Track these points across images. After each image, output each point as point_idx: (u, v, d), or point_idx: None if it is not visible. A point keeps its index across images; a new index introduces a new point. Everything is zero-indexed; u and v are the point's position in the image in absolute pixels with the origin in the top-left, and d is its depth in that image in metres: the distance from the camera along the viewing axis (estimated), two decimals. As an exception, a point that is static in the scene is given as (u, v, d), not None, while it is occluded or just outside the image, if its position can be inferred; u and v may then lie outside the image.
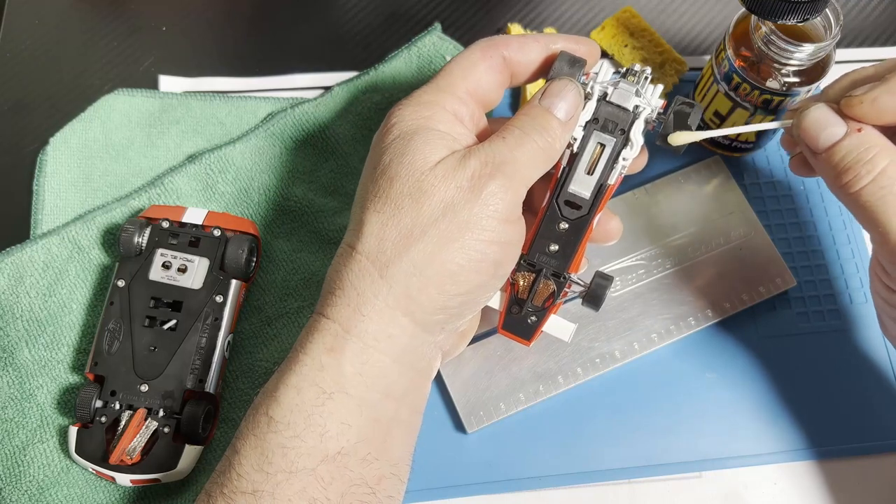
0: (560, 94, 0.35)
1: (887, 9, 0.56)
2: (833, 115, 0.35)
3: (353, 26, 0.55)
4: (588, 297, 0.38)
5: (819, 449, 0.44)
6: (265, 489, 0.31)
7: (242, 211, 0.47)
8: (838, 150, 0.34)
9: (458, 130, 0.35)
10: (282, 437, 0.32)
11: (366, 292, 0.33)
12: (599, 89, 0.36)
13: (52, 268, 0.45)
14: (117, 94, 0.50)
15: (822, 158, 0.35)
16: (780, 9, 0.37)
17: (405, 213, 0.33)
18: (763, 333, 0.46)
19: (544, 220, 0.37)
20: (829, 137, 0.35)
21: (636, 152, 0.36)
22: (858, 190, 0.34)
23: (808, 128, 0.35)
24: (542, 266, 0.37)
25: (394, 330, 0.33)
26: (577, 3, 0.56)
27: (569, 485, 0.43)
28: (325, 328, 0.33)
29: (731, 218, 0.48)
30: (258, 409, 0.33)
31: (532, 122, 0.34)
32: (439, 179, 0.33)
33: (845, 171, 0.34)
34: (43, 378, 0.43)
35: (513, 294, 0.38)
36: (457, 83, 0.36)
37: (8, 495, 0.40)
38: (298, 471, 0.31)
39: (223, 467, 0.33)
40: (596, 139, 0.36)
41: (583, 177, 0.36)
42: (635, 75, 0.37)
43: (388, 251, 0.33)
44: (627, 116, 0.36)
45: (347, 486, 0.32)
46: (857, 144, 0.34)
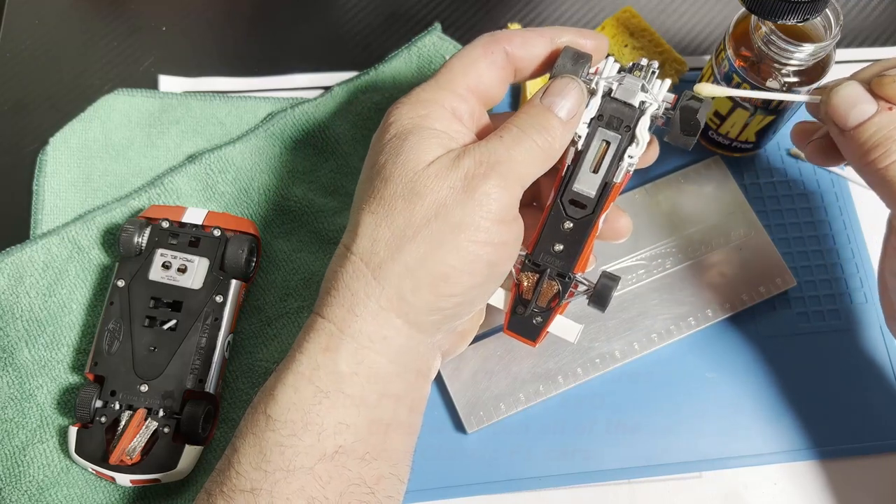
0: (562, 92, 0.34)
1: (887, 9, 0.56)
2: (864, 92, 0.35)
3: (353, 26, 0.55)
4: (594, 297, 0.37)
5: (819, 449, 0.44)
6: (263, 487, 0.31)
7: (242, 211, 0.47)
8: (868, 127, 0.34)
9: (455, 128, 0.35)
10: (279, 436, 0.32)
11: (359, 293, 0.33)
12: (604, 85, 0.35)
13: (52, 268, 0.45)
14: (117, 94, 0.50)
15: (849, 136, 0.35)
16: (780, 9, 0.37)
17: (398, 213, 0.32)
18: (763, 333, 0.46)
19: (549, 220, 0.36)
20: (859, 114, 0.34)
21: (642, 150, 0.35)
22: (887, 165, 0.33)
23: (838, 104, 0.35)
24: (547, 266, 0.37)
25: (388, 331, 0.33)
26: (577, 3, 0.56)
27: (569, 485, 0.43)
28: (321, 328, 0.33)
29: (731, 218, 0.48)
30: (257, 408, 0.33)
31: (531, 121, 0.34)
32: (432, 179, 0.32)
33: (874, 148, 0.34)
34: (43, 378, 0.43)
35: (517, 294, 0.37)
36: (457, 80, 0.36)
37: (8, 495, 0.40)
38: (296, 469, 0.31)
39: (223, 466, 0.33)
40: (601, 136, 0.35)
41: (588, 175, 0.35)
42: (642, 70, 0.36)
43: (380, 252, 0.32)
44: (633, 113, 0.35)
45: (346, 485, 0.32)
46: (887, 122, 0.34)
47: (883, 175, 0.34)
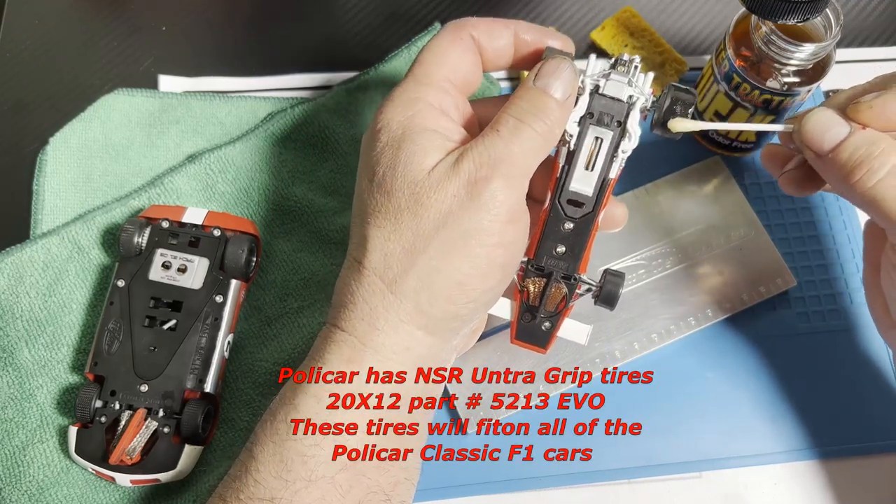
0: (555, 73, 0.34)
1: (887, 9, 0.56)
2: (836, 115, 0.34)
3: (353, 26, 0.55)
4: (603, 296, 0.37)
5: (819, 449, 0.44)
6: (284, 497, 0.31)
7: (242, 211, 0.47)
8: (845, 148, 0.33)
9: (444, 124, 0.34)
10: (302, 445, 0.31)
11: (377, 308, 0.32)
12: (591, 82, 0.35)
13: (52, 268, 0.45)
14: (117, 94, 0.50)
15: (828, 160, 0.34)
16: (781, 9, 0.37)
17: (405, 227, 0.32)
18: (763, 333, 0.46)
19: (548, 223, 0.36)
20: (833, 137, 0.34)
21: (634, 143, 0.35)
22: (874, 184, 0.33)
23: (811, 129, 0.34)
24: (552, 269, 0.36)
25: (410, 343, 0.33)
26: (577, 3, 0.56)
27: (569, 485, 0.43)
28: (342, 340, 0.33)
29: (731, 218, 0.48)
30: (276, 416, 0.33)
31: (527, 107, 0.33)
32: (434, 189, 0.32)
33: (857, 168, 0.33)
34: (43, 378, 0.43)
35: (523, 302, 0.37)
36: (433, 72, 0.35)
37: (8, 495, 0.40)
38: (318, 479, 0.31)
39: (238, 472, 0.33)
40: (593, 133, 0.35)
41: (583, 173, 0.35)
42: (625, 65, 0.36)
43: (394, 267, 0.32)
44: (622, 107, 0.35)
45: (364, 493, 0.32)
46: (863, 140, 0.33)
47: (872, 196, 0.33)
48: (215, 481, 0.40)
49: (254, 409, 0.43)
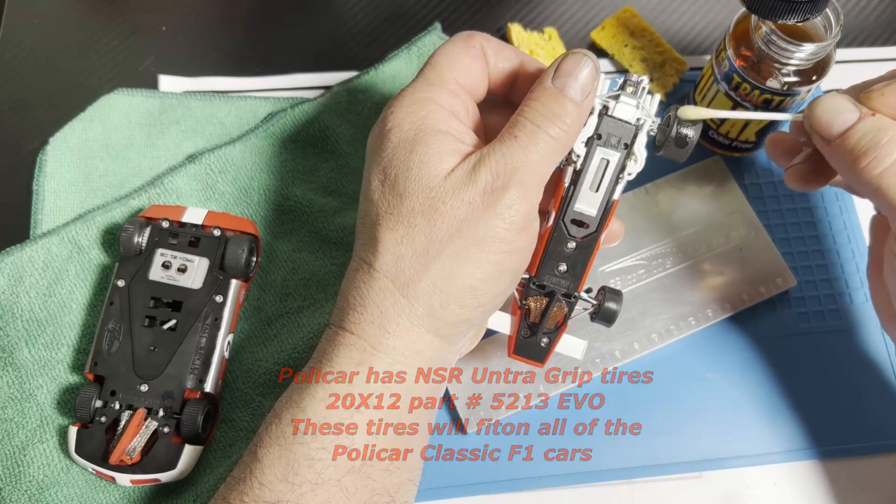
0: (574, 71, 0.33)
1: (887, 9, 0.56)
2: (846, 101, 0.34)
3: (353, 26, 0.55)
4: (601, 315, 0.37)
5: (819, 449, 0.44)
6: (289, 499, 0.31)
7: (242, 211, 0.47)
8: (853, 134, 0.33)
9: (455, 127, 0.34)
10: (309, 449, 0.31)
11: (389, 311, 0.32)
12: (600, 103, 0.35)
13: (52, 268, 0.45)
14: (117, 94, 0.50)
15: (836, 145, 0.34)
16: (781, 8, 0.37)
17: (419, 231, 0.32)
18: (763, 333, 0.46)
19: (551, 241, 0.36)
20: (843, 122, 0.34)
21: (641, 166, 0.35)
22: (880, 172, 0.33)
23: (820, 114, 0.34)
24: (553, 288, 0.36)
25: (420, 346, 0.33)
26: (577, 2, 0.56)
27: (569, 485, 0.43)
28: (351, 343, 0.33)
29: (731, 218, 0.48)
30: (281, 418, 0.33)
31: (544, 110, 0.32)
32: (450, 196, 0.31)
33: (863, 155, 0.33)
34: (43, 378, 0.43)
35: (524, 319, 0.37)
36: (445, 74, 0.35)
37: (8, 495, 0.40)
38: (325, 482, 0.31)
39: (242, 474, 0.32)
40: (600, 154, 0.35)
41: (588, 194, 0.35)
42: (634, 86, 0.36)
43: (406, 270, 0.32)
44: (630, 130, 0.35)
45: (370, 495, 0.32)
46: (872, 127, 0.33)
47: (877, 184, 0.33)
48: (215, 481, 0.40)
49: (254, 409, 0.43)
